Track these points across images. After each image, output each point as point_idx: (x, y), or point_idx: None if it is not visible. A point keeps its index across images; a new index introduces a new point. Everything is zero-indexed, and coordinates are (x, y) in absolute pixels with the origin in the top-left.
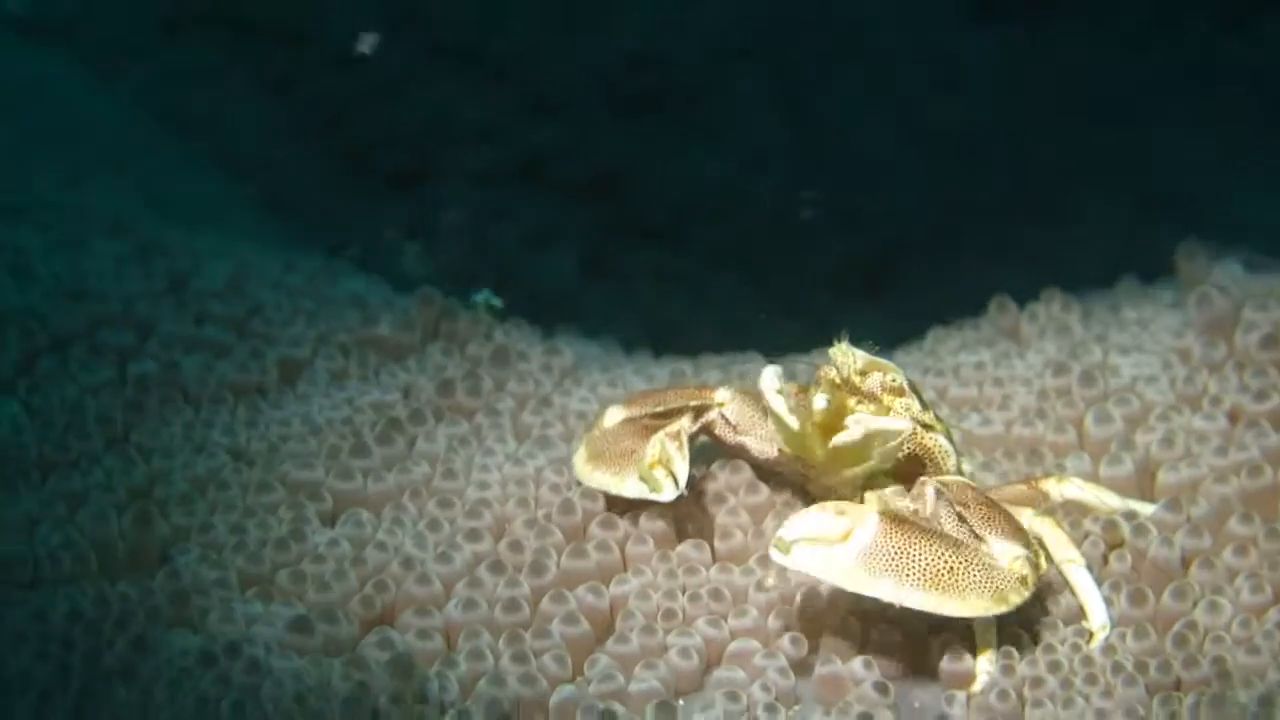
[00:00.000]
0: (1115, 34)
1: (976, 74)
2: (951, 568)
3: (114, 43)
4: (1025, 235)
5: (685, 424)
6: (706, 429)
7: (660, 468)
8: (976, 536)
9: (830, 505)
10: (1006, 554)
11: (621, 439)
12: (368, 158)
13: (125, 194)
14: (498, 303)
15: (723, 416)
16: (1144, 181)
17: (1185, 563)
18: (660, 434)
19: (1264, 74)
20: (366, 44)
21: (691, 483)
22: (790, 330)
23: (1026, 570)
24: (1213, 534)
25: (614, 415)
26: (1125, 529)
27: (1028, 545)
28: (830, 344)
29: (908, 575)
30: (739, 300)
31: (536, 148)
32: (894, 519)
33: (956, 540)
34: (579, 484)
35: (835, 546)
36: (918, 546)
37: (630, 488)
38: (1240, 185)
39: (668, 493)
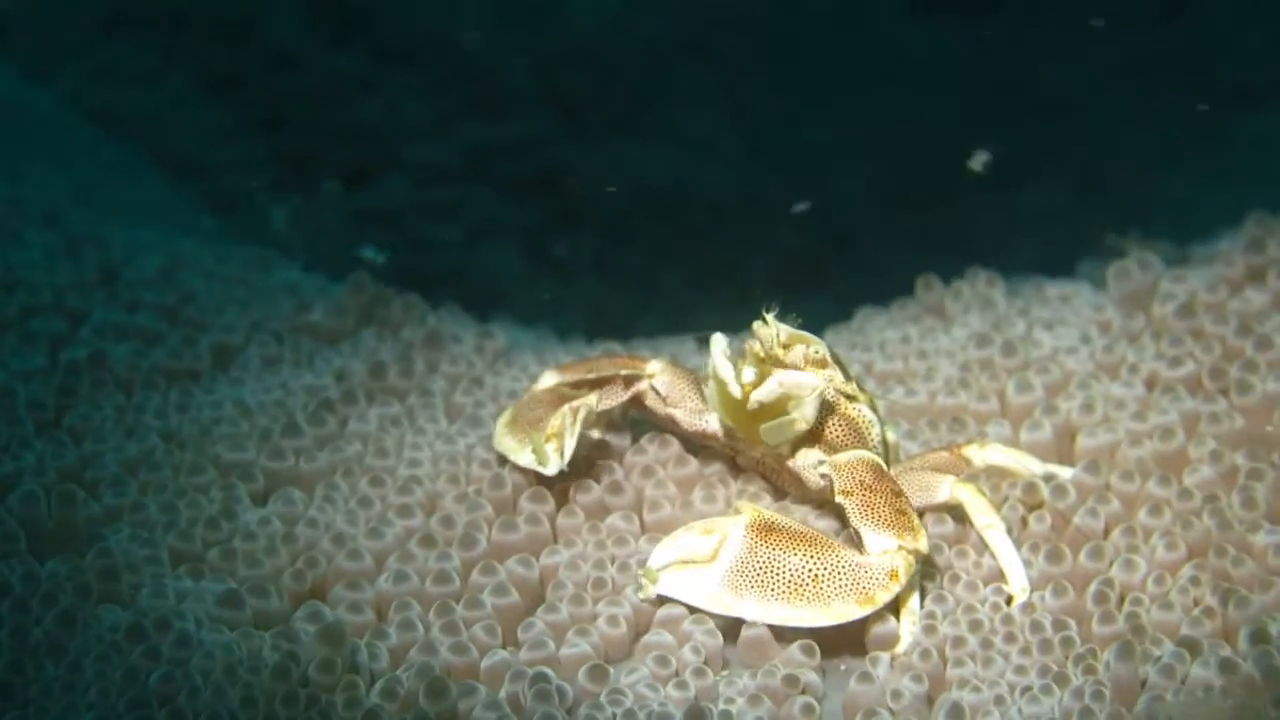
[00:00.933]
0: (1053, 26)
1: (915, 67)
2: (816, 575)
3: (49, 42)
4: (965, 223)
5: (592, 400)
6: (637, 400)
7: (553, 441)
8: (853, 526)
9: (698, 525)
10: (878, 546)
11: (537, 407)
12: (311, 157)
13: (58, 189)
14: (380, 257)
15: (653, 388)
16: (1080, 170)
17: (1106, 529)
18: (565, 408)
19: (1199, 60)
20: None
21: (617, 456)
22: (735, 323)
23: (898, 564)
24: (1128, 495)
25: (546, 380)
26: (1044, 491)
27: (906, 532)
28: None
29: (772, 590)
30: (682, 294)
31: (481, 145)
32: (761, 529)
33: (823, 543)
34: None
35: (702, 568)
36: (783, 556)
37: (524, 458)
38: (1173, 171)
39: (551, 467)
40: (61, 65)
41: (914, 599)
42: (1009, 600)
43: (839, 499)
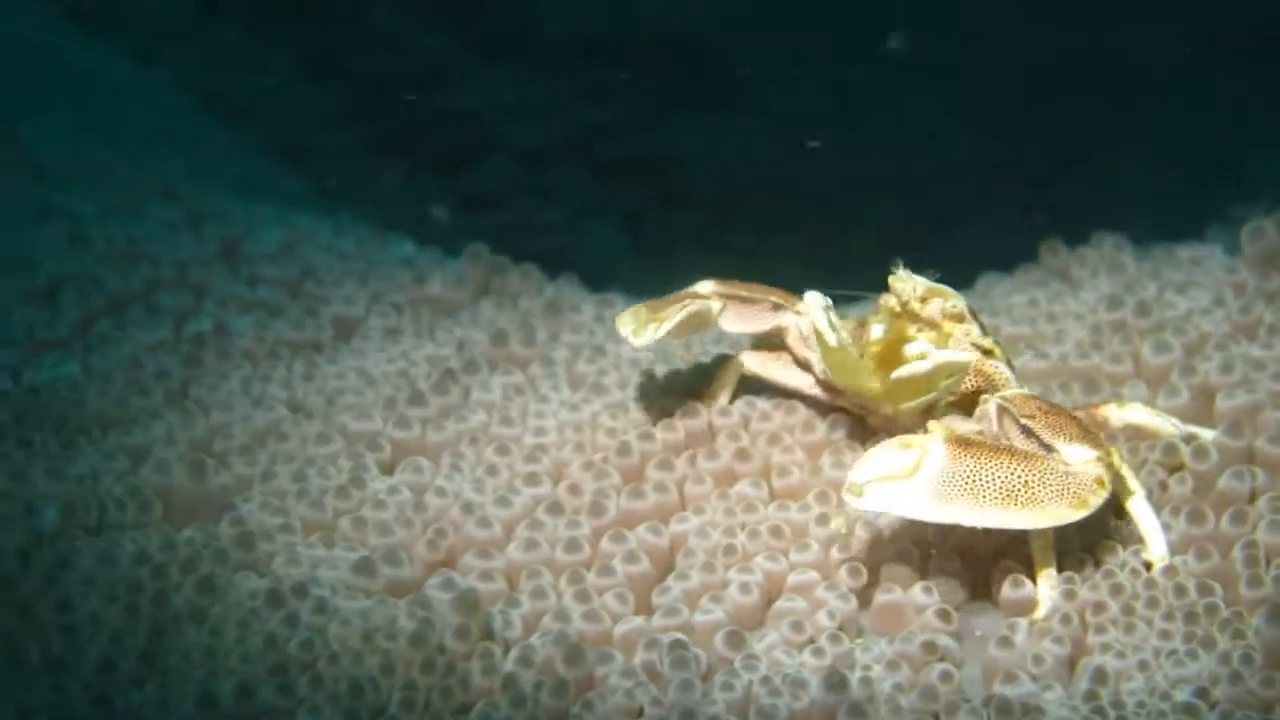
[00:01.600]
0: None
1: (1011, 43)
2: (1026, 481)
3: (156, 25)
4: (1068, 199)
5: (715, 305)
6: (779, 333)
7: (656, 321)
8: (1046, 446)
9: (894, 440)
10: (1078, 458)
11: (671, 300)
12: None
13: (175, 167)
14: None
15: (798, 325)
16: (1194, 141)
17: (1251, 494)
18: (685, 299)
19: None
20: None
21: (743, 422)
22: (839, 299)
23: (1100, 471)
24: (1272, 458)
25: (701, 286)
26: (1185, 452)
27: (1099, 446)
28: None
29: (983, 496)
30: (788, 269)
31: (580, 128)
32: (960, 443)
33: (1026, 453)
34: (634, 426)
35: (906, 481)
36: (989, 466)
37: (624, 330)
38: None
39: (643, 339)
40: (169, 48)
41: (1051, 562)
42: (1148, 567)
43: (1024, 423)
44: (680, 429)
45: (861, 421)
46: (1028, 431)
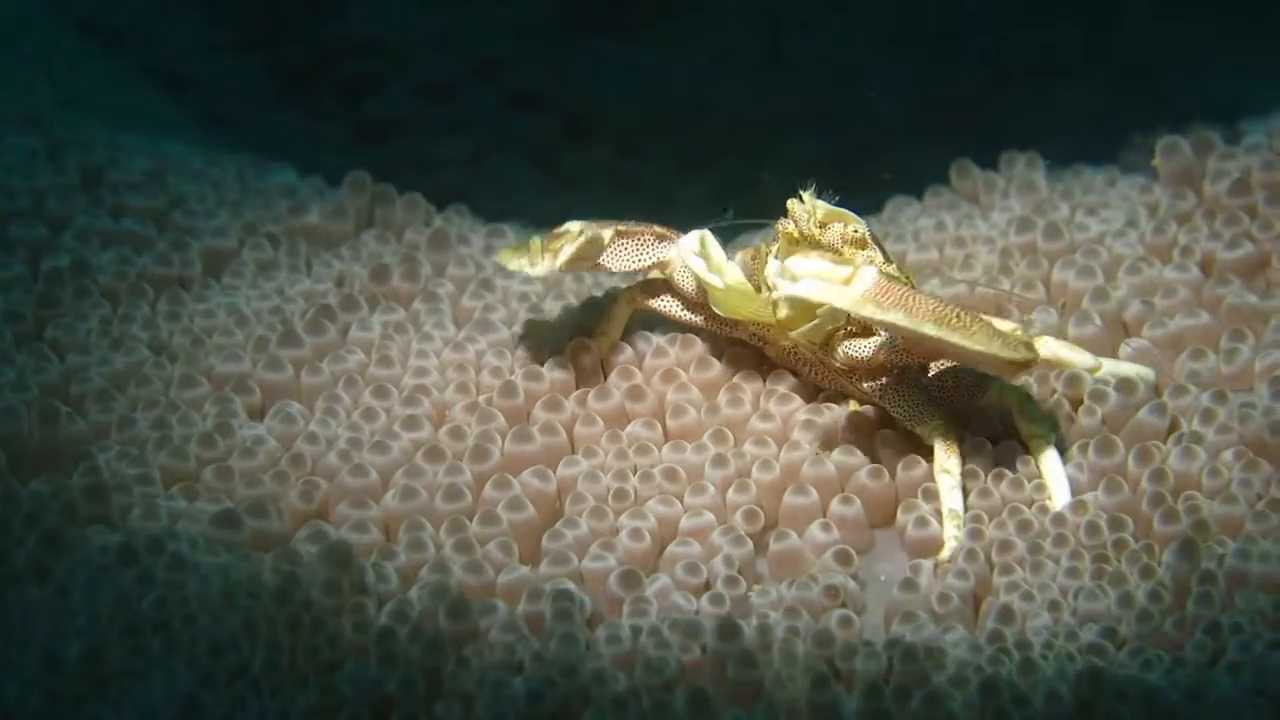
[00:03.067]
0: None
1: None
2: (959, 316)
3: None
4: (997, 129)
5: (606, 233)
6: (664, 267)
7: (552, 249)
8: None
9: (829, 254)
10: (1005, 325)
11: (553, 234)
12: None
13: (42, 95)
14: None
15: (684, 259)
16: (1116, 68)
17: (1162, 427)
18: (576, 225)
19: None
20: None
21: (636, 360)
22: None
23: (1029, 337)
24: (1183, 388)
25: (572, 226)
26: (1089, 384)
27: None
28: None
29: (918, 314)
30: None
31: (488, 57)
32: (891, 276)
33: (957, 302)
34: (521, 365)
35: (842, 285)
36: (922, 298)
37: (515, 263)
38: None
39: (539, 268)
40: None
41: (957, 500)
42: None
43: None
44: (570, 367)
45: (759, 355)
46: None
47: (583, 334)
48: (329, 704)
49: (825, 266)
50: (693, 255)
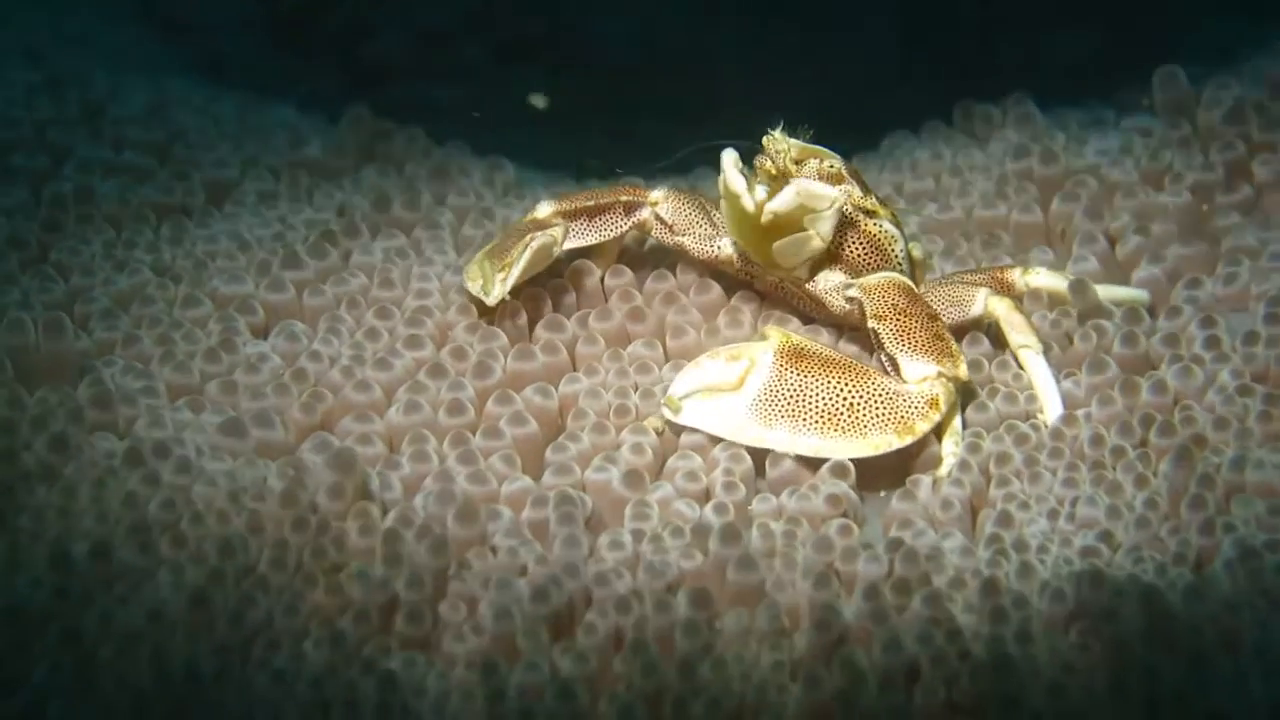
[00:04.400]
0: None
1: None
2: (851, 403)
3: None
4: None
5: (558, 232)
6: (641, 228)
7: (504, 270)
8: (888, 355)
9: (724, 350)
10: (916, 373)
11: (512, 236)
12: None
13: (41, 33)
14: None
15: (657, 216)
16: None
17: (1158, 356)
18: (527, 237)
19: None
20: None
21: (637, 282)
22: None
23: (938, 390)
24: (1180, 312)
25: (541, 209)
26: (1085, 308)
27: (945, 358)
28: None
29: (805, 419)
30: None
31: (476, 4)
32: (790, 354)
33: (858, 370)
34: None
35: (728, 396)
36: (815, 384)
37: (473, 286)
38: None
39: (491, 296)
40: None
41: (956, 419)
42: (1044, 425)
43: (871, 324)
44: (570, 289)
45: (752, 286)
46: (874, 334)
47: (584, 256)
48: (336, 603)
49: (717, 372)
50: (734, 171)
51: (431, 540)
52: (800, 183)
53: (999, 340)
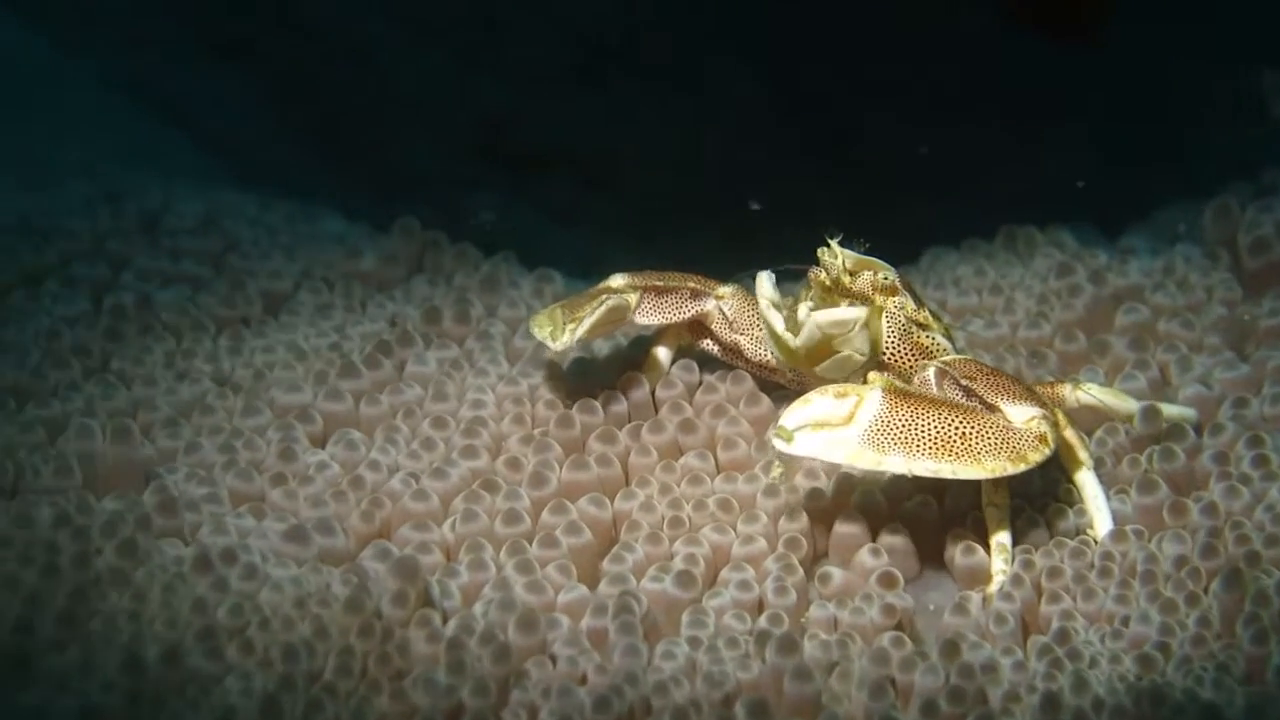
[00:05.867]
0: None
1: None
2: (964, 433)
3: (79, 11)
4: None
5: (631, 298)
6: (702, 320)
7: (574, 322)
8: (989, 405)
9: (832, 388)
10: (1021, 415)
11: (584, 298)
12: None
13: (96, 147)
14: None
15: (720, 310)
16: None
17: (1206, 473)
18: (602, 295)
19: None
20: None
21: (687, 394)
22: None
23: (1045, 428)
24: (1230, 436)
25: (613, 280)
26: (1139, 425)
27: (1043, 405)
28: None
29: (918, 445)
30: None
31: (507, 116)
32: (899, 393)
33: (967, 407)
34: (575, 398)
35: (839, 429)
36: (926, 416)
37: (541, 333)
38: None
39: (559, 343)
40: (91, 35)
41: (1005, 534)
42: (1095, 542)
43: (964, 383)
44: (622, 400)
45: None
46: (969, 393)
47: (632, 369)
48: (402, 709)
49: (825, 408)
50: (771, 310)
51: (495, 647)
52: (818, 316)
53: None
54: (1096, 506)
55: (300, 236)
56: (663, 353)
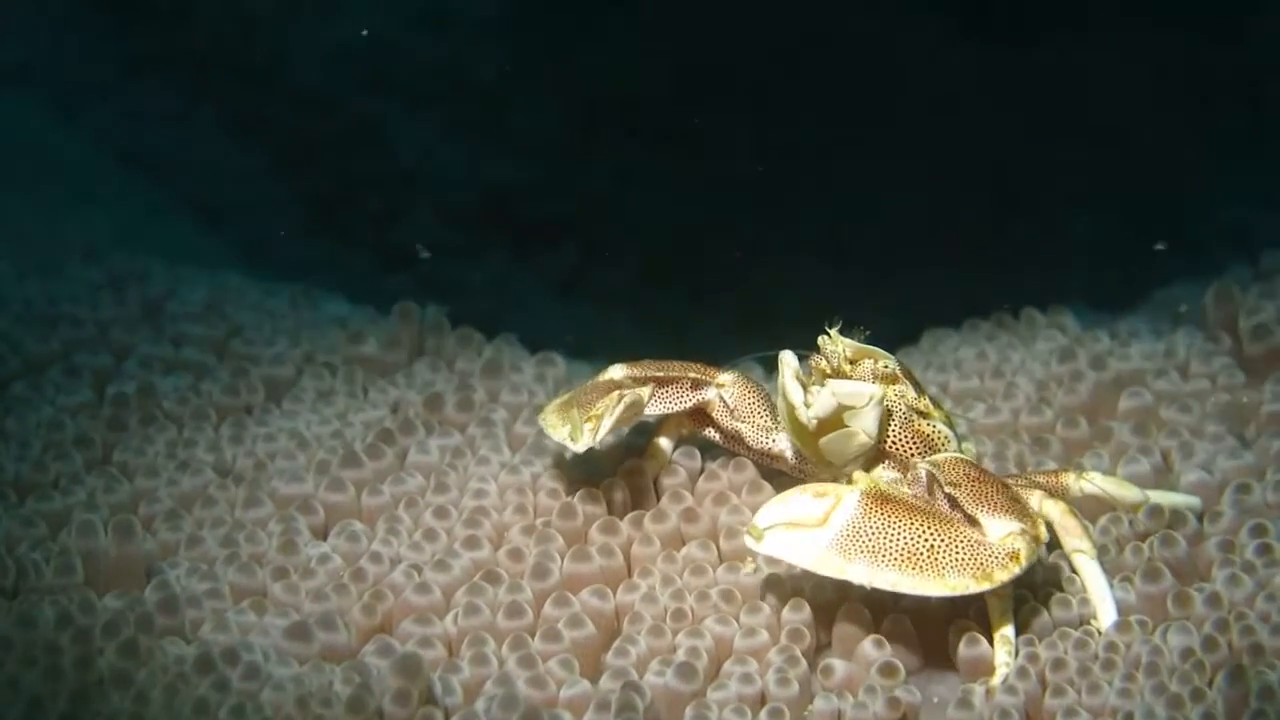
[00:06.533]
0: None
1: (955, 95)
2: (932, 546)
3: (74, 84)
4: (1009, 256)
5: (644, 392)
6: (703, 409)
7: (592, 421)
8: (968, 515)
9: (811, 487)
10: (999, 530)
11: (592, 393)
12: (334, 197)
13: (95, 228)
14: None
15: (721, 398)
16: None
17: (1209, 561)
18: (614, 392)
19: (1251, 79)
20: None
21: (689, 483)
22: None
23: (1019, 545)
24: (1228, 522)
25: (612, 372)
26: (1142, 519)
27: (1025, 518)
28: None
29: (884, 555)
30: (718, 338)
31: (506, 186)
32: (877, 497)
33: (944, 517)
34: (577, 488)
35: (812, 531)
36: (899, 525)
37: (559, 434)
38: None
39: (581, 444)
40: (88, 106)
41: (1009, 626)
42: (1098, 633)
43: (948, 490)
44: (624, 490)
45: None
46: (952, 500)
47: (633, 456)
48: None
49: (801, 507)
50: (793, 380)
51: None
52: (835, 384)
53: (1052, 544)
54: (1100, 597)
55: (303, 321)
56: (665, 442)
